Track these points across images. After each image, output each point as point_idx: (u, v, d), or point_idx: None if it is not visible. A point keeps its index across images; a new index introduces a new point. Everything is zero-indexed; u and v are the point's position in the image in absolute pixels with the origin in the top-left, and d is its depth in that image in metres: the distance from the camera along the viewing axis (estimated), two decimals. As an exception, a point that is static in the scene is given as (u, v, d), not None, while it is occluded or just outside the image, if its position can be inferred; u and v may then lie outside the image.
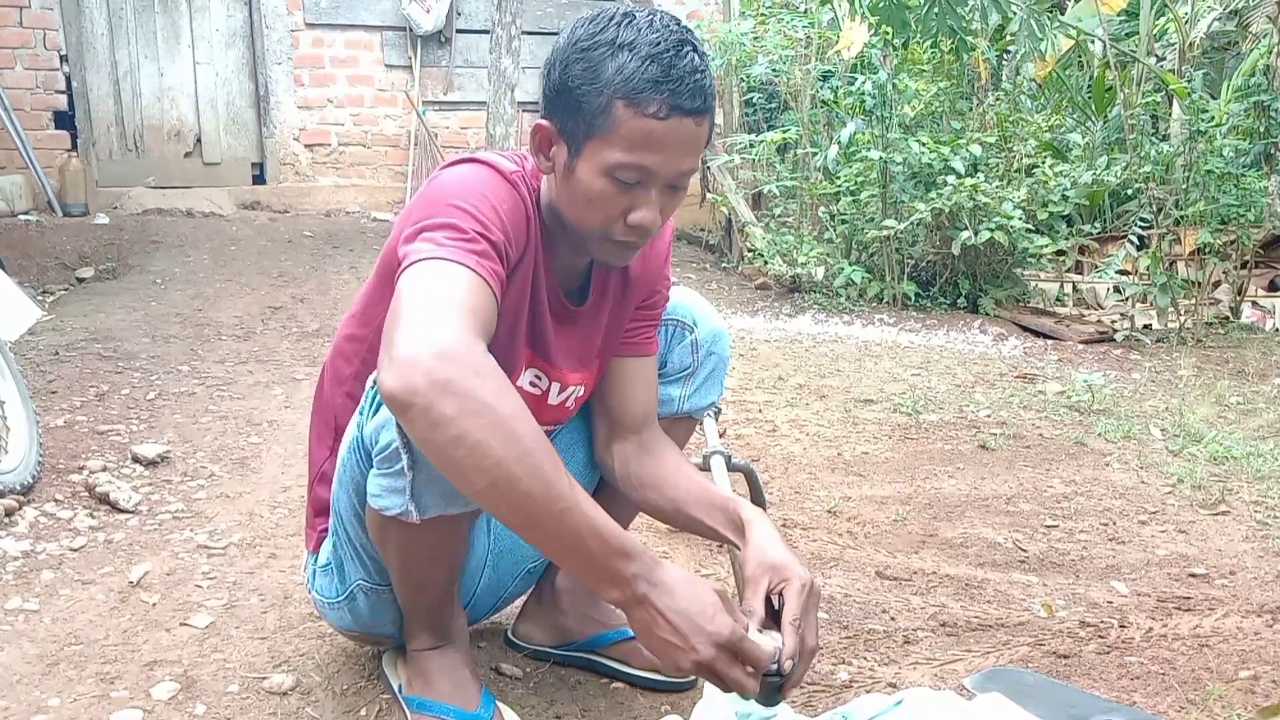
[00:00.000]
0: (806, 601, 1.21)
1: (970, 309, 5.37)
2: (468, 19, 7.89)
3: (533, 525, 1.05)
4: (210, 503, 2.35)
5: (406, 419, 1.03)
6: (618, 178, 1.22)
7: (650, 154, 1.20)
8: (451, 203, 1.20)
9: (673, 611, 1.08)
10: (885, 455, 2.93)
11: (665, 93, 1.17)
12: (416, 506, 1.23)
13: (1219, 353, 4.53)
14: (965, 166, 5.18)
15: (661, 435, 1.53)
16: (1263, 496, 2.63)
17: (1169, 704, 1.59)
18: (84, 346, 3.72)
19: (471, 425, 1.00)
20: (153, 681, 1.56)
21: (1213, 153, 4.92)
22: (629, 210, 1.24)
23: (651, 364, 1.53)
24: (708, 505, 1.41)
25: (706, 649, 1.08)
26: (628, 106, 1.18)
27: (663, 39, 1.19)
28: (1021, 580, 2.10)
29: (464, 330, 1.06)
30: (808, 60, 6.20)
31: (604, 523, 1.06)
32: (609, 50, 1.19)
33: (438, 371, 1.01)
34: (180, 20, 7.45)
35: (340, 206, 7.74)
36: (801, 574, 1.23)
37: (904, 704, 1.36)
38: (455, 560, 1.41)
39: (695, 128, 1.20)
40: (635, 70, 1.17)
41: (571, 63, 1.21)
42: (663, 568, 1.11)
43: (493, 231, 1.20)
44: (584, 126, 1.21)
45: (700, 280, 6.05)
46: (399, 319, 1.07)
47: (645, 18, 1.21)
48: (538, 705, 1.55)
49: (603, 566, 1.07)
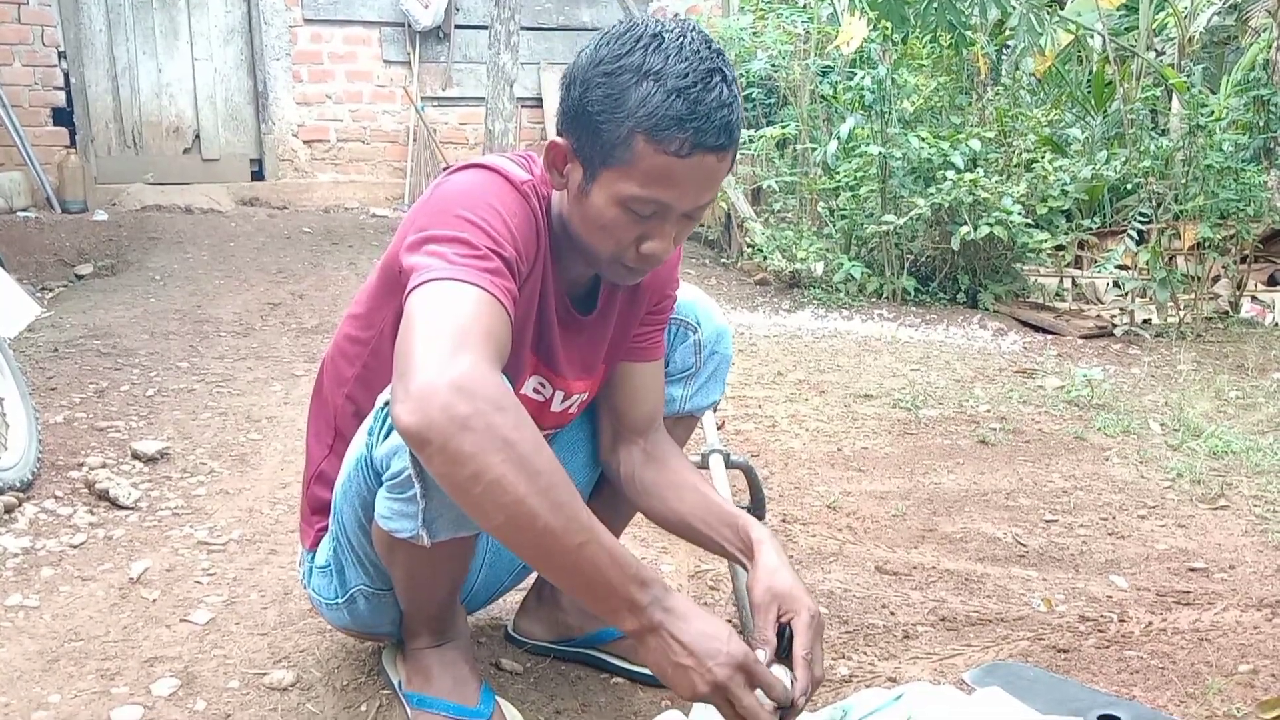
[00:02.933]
0: (814, 634, 1.22)
1: (970, 304, 5.37)
2: (466, 14, 7.88)
3: (550, 559, 1.04)
4: (210, 499, 2.35)
5: (424, 455, 1.02)
6: (633, 209, 1.18)
7: (668, 190, 1.16)
8: (461, 214, 1.16)
9: (688, 635, 1.08)
10: (885, 450, 2.93)
11: (689, 130, 1.12)
12: (428, 532, 1.21)
13: (1218, 347, 4.53)
14: (964, 161, 5.18)
15: (666, 440, 1.52)
16: (1262, 491, 2.63)
17: (1168, 698, 1.60)
18: (83, 343, 3.72)
19: (490, 462, 0.99)
20: (153, 678, 1.56)
21: (1212, 147, 4.92)
22: (642, 239, 1.21)
23: (658, 369, 1.51)
24: (715, 520, 1.40)
25: (723, 670, 1.08)
26: (648, 142, 1.13)
27: (691, 69, 1.12)
28: (1021, 575, 2.10)
29: (481, 359, 1.04)
30: (807, 55, 6.20)
31: (621, 553, 1.06)
32: (633, 78, 1.13)
33: (456, 407, 0.99)
34: (178, 16, 7.43)
35: (339, 203, 7.74)
36: (809, 605, 1.24)
37: (903, 698, 1.36)
38: (461, 572, 1.41)
39: (718, 163, 1.16)
40: (660, 104, 1.11)
41: (593, 85, 1.15)
42: (675, 595, 1.11)
43: (505, 247, 1.16)
44: (601, 154, 1.16)
45: (700, 276, 6.04)
46: (413, 346, 1.04)
47: (675, 41, 1.14)
48: (538, 700, 1.55)
49: (621, 597, 1.07)
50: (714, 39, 1.19)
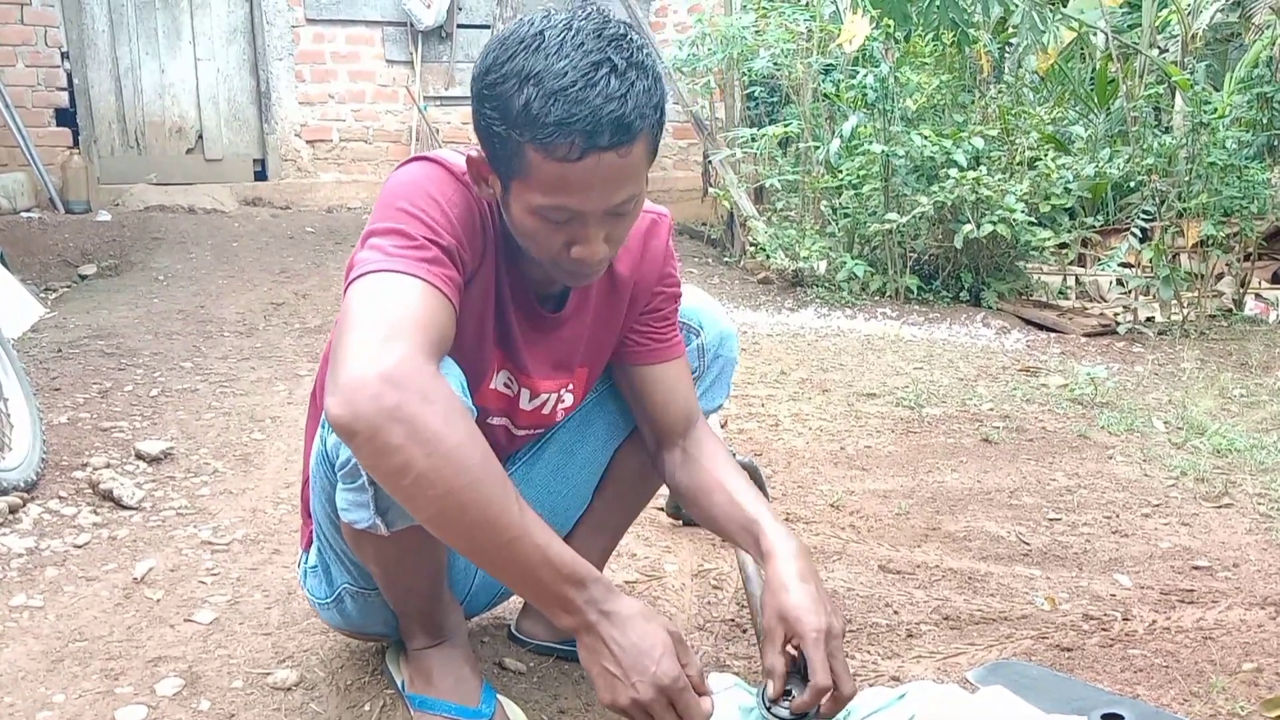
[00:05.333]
0: (829, 650, 1.19)
1: (973, 302, 5.37)
2: (469, 14, 7.88)
3: (481, 554, 1.05)
4: (214, 499, 2.36)
5: (353, 446, 1.01)
6: (546, 217, 1.14)
7: (571, 196, 1.11)
8: (399, 207, 1.15)
9: (619, 645, 1.08)
10: (888, 449, 2.93)
11: (574, 134, 1.05)
12: (384, 520, 1.20)
13: (1222, 345, 4.52)
14: (967, 159, 5.17)
15: (705, 438, 1.47)
16: (1266, 489, 2.62)
17: (1172, 697, 1.59)
18: (87, 343, 3.72)
19: (417, 454, 0.99)
20: (157, 677, 1.57)
21: (1216, 145, 4.90)
22: (569, 244, 1.16)
23: (680, 366, 1.47)
24: (735, 526, 1.37)
25: (646, 689, 1.07)
26: (537, 150, 1.07)
27: (571, 66, 1.05)
28: (1024, 573, 2.10)
29: (412, 350, 1.03)
30: (809, 54, 6.19)
31: (555, 551, 1.05)
32: (515, 85, 1.07)
33: (384, 398, 0.98)
34: (181, 16, 7.44)
35: (342, 202, 7.74)
36: (815, 624, 1.20)
37: (907, 698, 1.37)
38: (436, 564, 1.39)
39: (619, 160, 1.09)
40: (540, 110, 1.05)
41: (483, 98, 1.11)
42: (618, 599, 1.10)
43: (443, 236, 1.14)
44: (505, 166, 1.13)
45: (702, 275, 6.04)
46: (344, 338, 1.04)
47: (557, 36, 1.07)
48: (541, 700, 1.55)
49: (553, 594, 1.07)
50: (614, 22, 1.11)
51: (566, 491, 1.57)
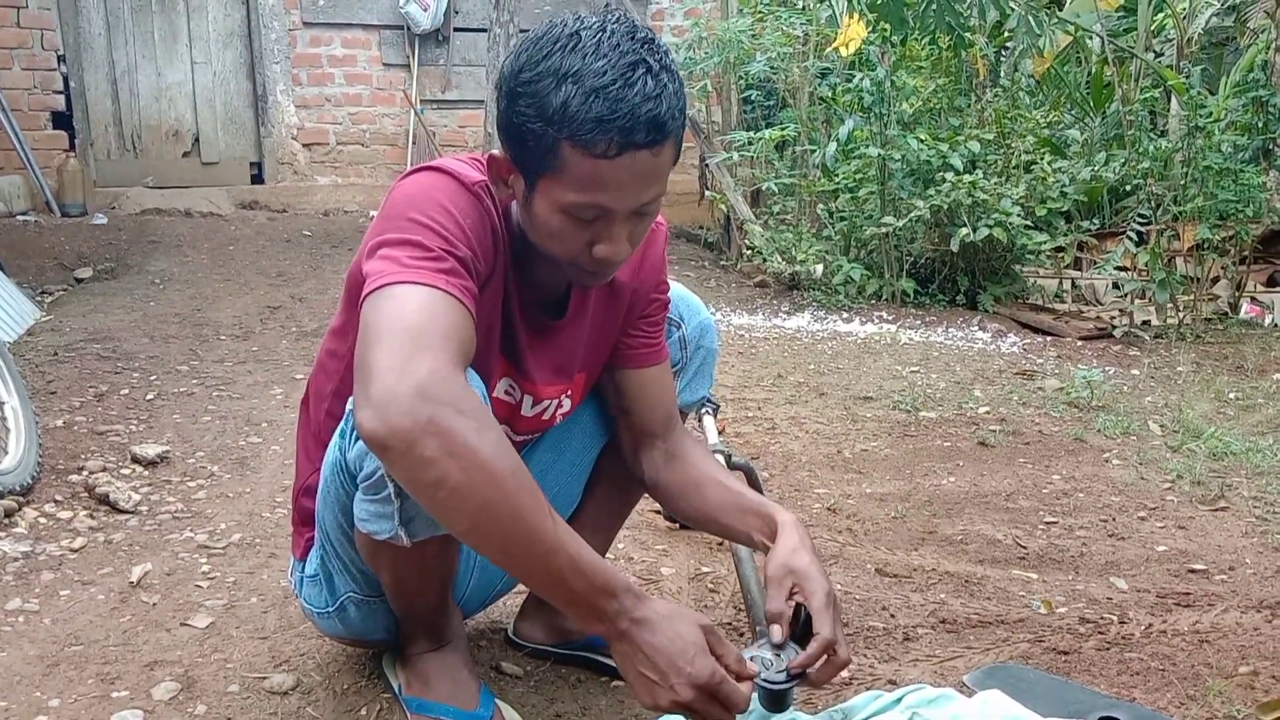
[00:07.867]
0: (834, 615, 1.23)
1: (969, 306, 5.37)
2: (465, 17, 7.89)
3: (516, 565, 1.06)
4: (210, 503, 2.35)
5: (387, 460, 1.01)
6: (574, 215, 1.15)
7: (604, 193, 1.13)
8: (412, 217, 1.15)
9: (653, 649, 1.08)
10: (884, 452, 2.93)
11: (613, 130, 1.08)
12: (406, 532, 1.21)
13: (1218, 348, 4.53)
14: (964, 163, 5.18)
15: (686, 438, 1.50)
16: (1262, 492, 2.63)
17: (1169, 700, 1.59)
18: (83, 347, 3.72)
19: (453, 467, 0.98)
20: (153, 682, 1.56)
21: (1211, 148, 4.92)
22: (593, 243, 1.18)
23: (664, 371, 1.49)
24: (741, 511, 1.38)
25: (685, 690, 1.08)
26: (574, 147, 1.09)
27: (610, 65, 1.08)
28: (1021, 577, 2.10)
29: (441, 362, 1.03)
30: (806, 57, 6.20)
31: (588, 561, 1.06)
32: (552, 83, 1.09)
33: (418, 411, 0.98)
34: (178, 20, 7.44)
35: (339, 206, 7.74)
36: (824, 585, 1.24)
37: (904, 701, 1.37)
38: (449, 573, 1.40)
39: (653, 159, 1.12)
40: (579, 108, 1.07)
41: (516, 95, 1.12)
42: (648, 603, 1.10)
43: (459, 247, 1.15)
44: (534, 163, 1.14)
45: (699, 278, 6.04)
46: (371, 351, 1.03)
47: (593, 38, 1.10)
48: (538, 704, 1.55)
49: (586, 604, 1.07)
50: (641, 26, 1.14)
51: (557, 491, 1.58)
